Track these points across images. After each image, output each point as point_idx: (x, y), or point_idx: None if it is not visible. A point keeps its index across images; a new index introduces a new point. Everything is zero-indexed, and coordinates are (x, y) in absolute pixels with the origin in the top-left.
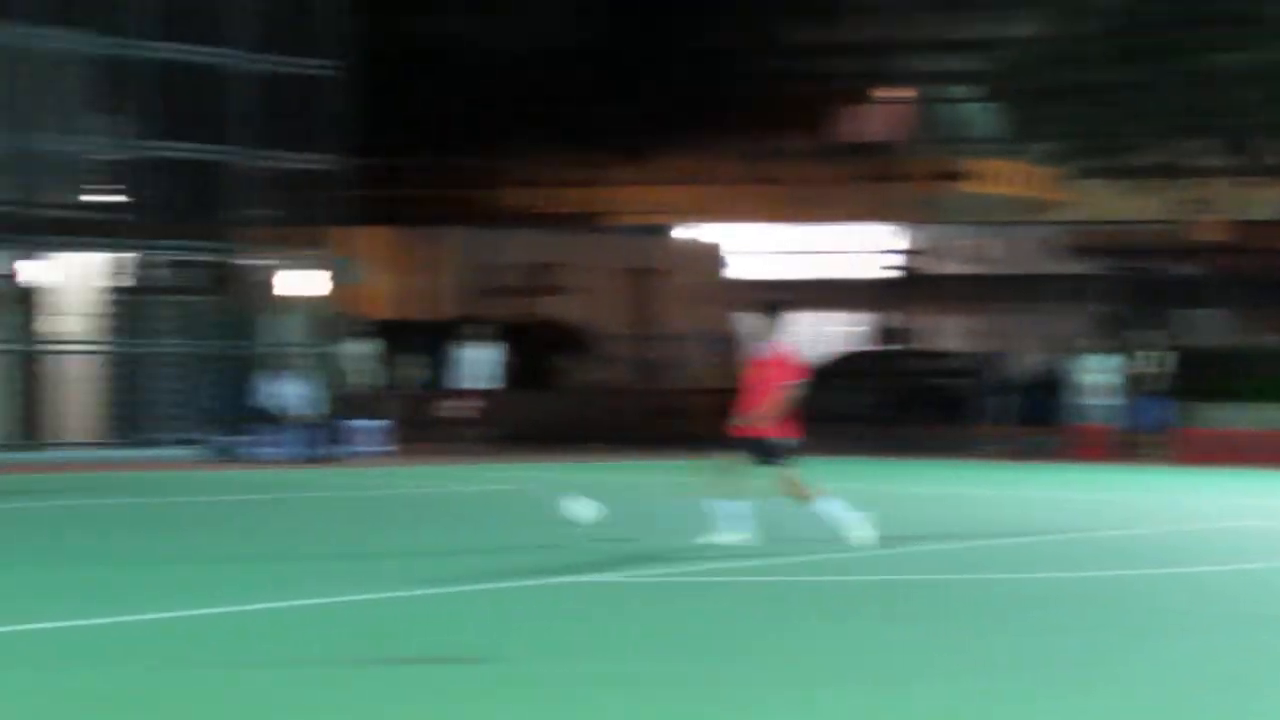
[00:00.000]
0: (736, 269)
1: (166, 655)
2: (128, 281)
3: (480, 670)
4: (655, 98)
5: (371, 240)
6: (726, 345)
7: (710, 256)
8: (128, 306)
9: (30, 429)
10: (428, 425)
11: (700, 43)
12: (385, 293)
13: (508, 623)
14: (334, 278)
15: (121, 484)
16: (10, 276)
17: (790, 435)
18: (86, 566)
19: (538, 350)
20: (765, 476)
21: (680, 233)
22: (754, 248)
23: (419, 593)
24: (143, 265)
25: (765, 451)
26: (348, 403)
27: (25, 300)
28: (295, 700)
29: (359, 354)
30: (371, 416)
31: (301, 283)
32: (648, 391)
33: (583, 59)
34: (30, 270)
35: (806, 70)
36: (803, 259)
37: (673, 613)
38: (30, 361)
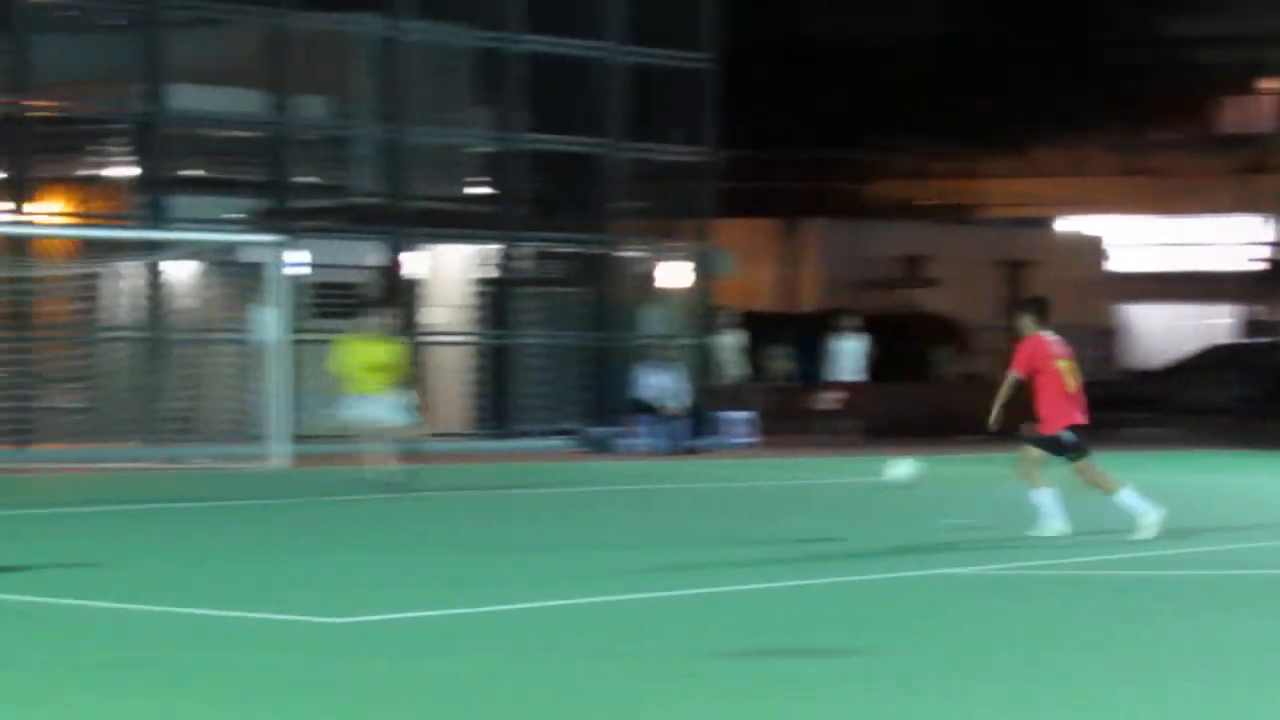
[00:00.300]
0: (1110, 261)
1: (529, 643)
2: (501, 273)
3: (841, 662)
4: (1029, 90)
5: (741, 232)
6: (1101, 339)
7: (1082, 249)
8: (500, 298)
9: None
10: (794, 417)
11: (1076, 35)
12: (754, 284)
13: (867, 614)
14: (704, 269)
15: (494, 475)
16: (392, 268)
17: (1058, 427)
18: (452, 555)
19: (908, 343)
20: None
21: (1053, 225)
22: (1127, 240)
23: (779, 585)
24: (516, 257)
25: (1051, 446)
26: (716, 394)
27: (402, 292)
28: (655, 691)
29: (727, 346)
30: (738, 408)
31: (672, 274)
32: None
33: (955, 51)
34: (406, 262)
35: (1182, 62)
36: (1175, 251)
37: (1025, 605)
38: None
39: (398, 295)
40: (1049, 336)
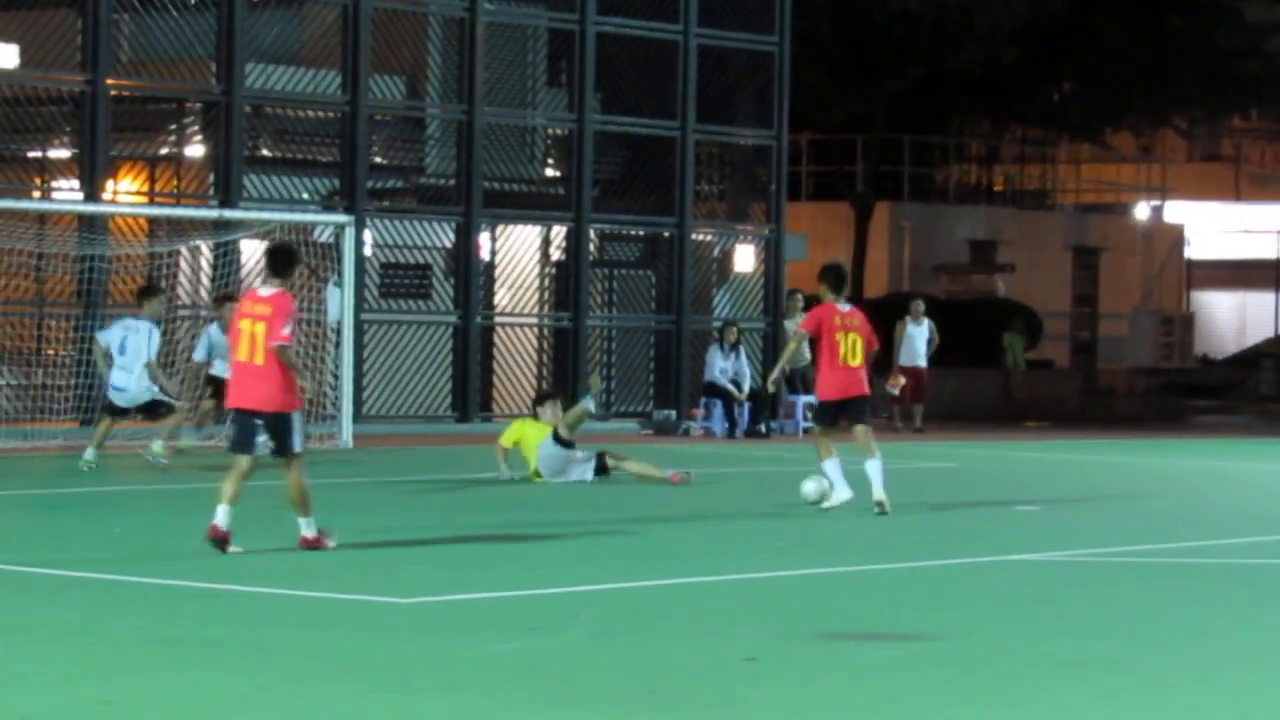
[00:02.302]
0: (1187, 248)
1: (591, 625)
2: (573, 255)
3: (912, 648)
4: (1106, 74)
5: (813, 215)
6: (1174, 326)
7: (1160, 235)
8: (572, 280)
9: (471, 402)
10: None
11: (1155, 19)
12: None
13: (942, 600)
14: (778, 253)
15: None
16: (476, 250)
17: (819, 395)
18: (510, 538)
19: (979, 327)
20: None
21: (1130, 211)
22: (1205, 227)
23: (852, 569)
24: (588, 238)
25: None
26: (785, 378)
27: (476, 272)
28: (718, 675)
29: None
30: (806, 392)
31: (745, 257)
32: (1089, 371)
33: (1034, 36)
34: (481, 242)
35: (1263, 48)
36: (1251, 239)
37: (1104, 593)
38: (475, 333)
39: (560, 394)
40: (841, 307)
